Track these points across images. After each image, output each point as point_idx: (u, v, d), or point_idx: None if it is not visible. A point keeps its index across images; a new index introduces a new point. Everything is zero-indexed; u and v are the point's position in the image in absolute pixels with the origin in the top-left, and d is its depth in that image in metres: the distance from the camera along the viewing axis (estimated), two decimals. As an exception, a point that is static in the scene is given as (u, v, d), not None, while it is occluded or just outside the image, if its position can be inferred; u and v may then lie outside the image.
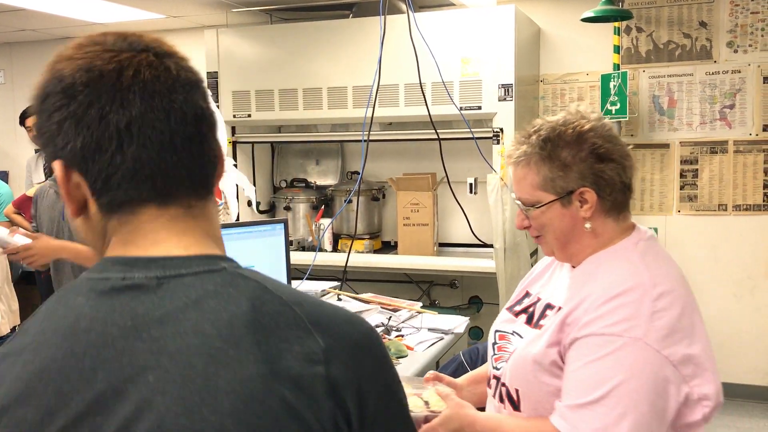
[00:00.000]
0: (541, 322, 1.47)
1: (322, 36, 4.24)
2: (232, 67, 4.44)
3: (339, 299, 3.04)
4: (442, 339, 2.66)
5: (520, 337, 1.51)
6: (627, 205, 1.44)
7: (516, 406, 1.46)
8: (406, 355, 2.46)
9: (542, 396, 1.40)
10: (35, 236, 2.60)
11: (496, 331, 1.59)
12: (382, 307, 2.91)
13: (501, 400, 1.51)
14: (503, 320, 1.60)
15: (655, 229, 4.25)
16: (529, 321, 1.51)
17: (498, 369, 1.51)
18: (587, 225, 1.41)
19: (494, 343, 1.56)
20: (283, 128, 4.76)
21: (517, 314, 1.56)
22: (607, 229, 1.43)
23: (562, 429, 1.30)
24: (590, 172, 1.38)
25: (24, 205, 4.38)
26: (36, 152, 5.24)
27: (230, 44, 4.45)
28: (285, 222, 2.74)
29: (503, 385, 1.49)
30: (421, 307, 3.02)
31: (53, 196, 2.76)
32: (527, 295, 1.59)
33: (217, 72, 4.46)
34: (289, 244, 2.75)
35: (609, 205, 1.41)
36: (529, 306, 1.54)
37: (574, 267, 1.49)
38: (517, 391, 1.45)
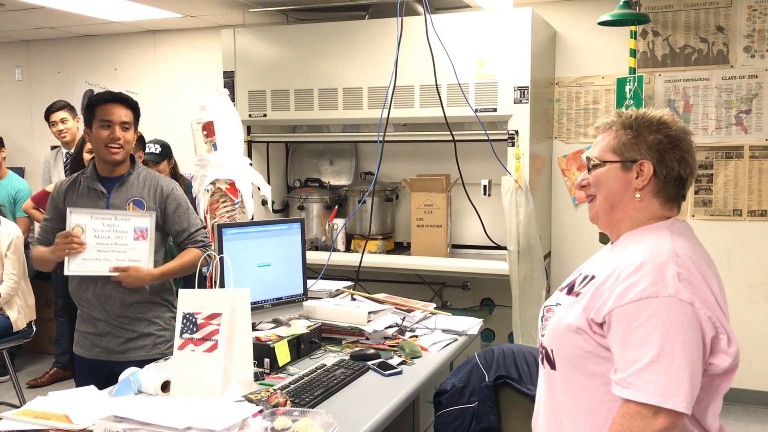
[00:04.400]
0: (577, 289, 1.62)
1: (338, 37, 4.26)
2: (249, 67, 4.47)
3: (353, 299, 3.05)
4: (455, 340, 2.67)
5: (561, 305, 1.65)
6: (675, 198, 1.60)
7: (552, 365, 1.62)
8: (420, 356, 2.47)
9: (572, 356, 1.56)
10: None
11: (544, 306, 1.73)
12: (396, 308, 2.92)
13: (542, 361, 1.68)
14: (552, 297, 1.74)
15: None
16: (569, 291, 1.66)
17: (543, 336, 1.68)
18: (637, 195, 1.58)
19: (542, 317, 1.72)
20: (297, 128, 4.78)
21: (562, 290, 1.71)
22: (651, 207, 1.59)
23: (631, 396, 1.42)
24: (656, 150, 1.56)
25: (43, 200, 4.41)
26: (52, 149, 5.28)
27: (247, 44, 4.47)
28: (302, 221, 2.76)
29: (543, 347, 1.66)
30: (434, 308, 3.03)
31: (92, 195, 2.65)
32: (575, 273, 1.73)
33: (233, 72, 4.49)
34: (304, 243, 2.76)
35: (659, 188, 1.57)
36: (572, 281, 1.68)
37: (613, 243, 1.64)
38: (552, 351, 1.61)
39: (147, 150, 4.05)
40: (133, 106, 2.69)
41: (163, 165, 4.03)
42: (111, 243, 2.55)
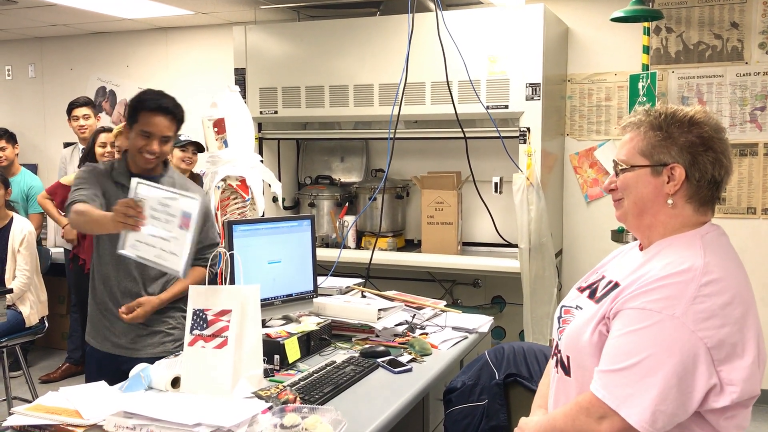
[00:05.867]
0: (599, 295, 1.56)
1: (350, 33, 4.25)
2: (260, 64, 4.47)
3: (363, 296, 3.05)
4: (466, 338, 2.66)
5: (582, 309, 1.61)
6: (710, 202, 1.52)
7: (567, 371, 1.58)
8: (431, 353, 2.46)
9: (590, 366, 1.50)
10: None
11: (562, 306, 1.69)
12: (406, 305, 2.92)
13: (556, 365, 1.63)
14: (570, 297, 1.69)
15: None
16: (591, 296, 1.61)
17: (560, 339, 1.63)
18: (669, 201, 1.49)
19: (559, 317, 1.68)
20: (308, 125, 4.78)
21: (582, 290, 1.66)
22: (684, 214, 1.51)
23: (595, 391, 1.43)
24: (688, 152, 1.47)
25: (58, 191, 4.42)
26: (65, 146, 5.31)
27: (258, 41, 4.47)
28: (312, 218, 2.76)
29: (559, 352, 1.62)
30: (445, 305, 3.02)
31: (121, 190, 2.49)
32: (595, 273, 1.68)
33: (244, 68, 4.49)
34: (315, 240, 2.76)
35: (693, 192, 1.49)
36: (594, 283, 1.63)
37: (642, 248, 1.57)
38: (568, 358, 1.57)
39: (186, 137, 3.91)
40: (179, 118, 2.58)
41: (196, 157, 4.01)
42: (161, 227, 2.18)
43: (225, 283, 2.32)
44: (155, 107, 2.52)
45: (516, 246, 3.96)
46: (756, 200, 4.25)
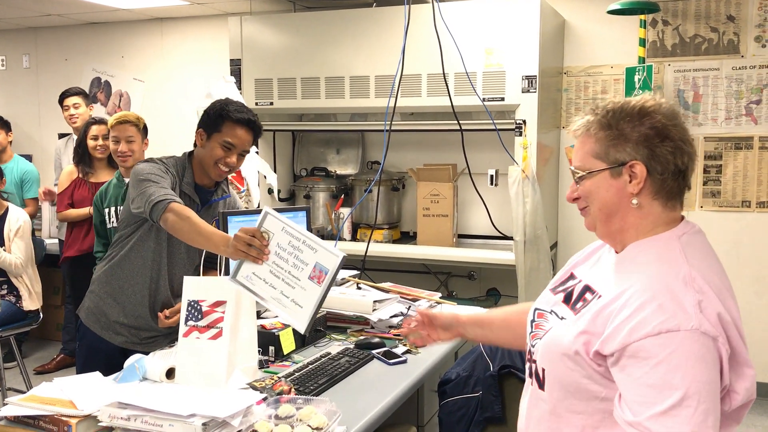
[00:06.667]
0: (578, 304, 1.46)
1: (346, 25, 4.24)
2: (255, 55, 4.45)
3: (358, 287, 3.05)
4: (461, 330, 2.66)
5: (557, 315, 1.51)
6: (678, 194, 1.41)
7: (541, 384, 1.47)
8: (425, 345, 2.46)
9: (568, 381, 1.40)
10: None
11: (536, 309, 1.60)
12: (401, 297, 2.92)
13: (530, 375, 1.52)
14: (543, 299, 1.61)
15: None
16: (567, 300, 1.51)
17: (533, 346, 1.52)
18: (634, 201, 1.39)
19: (532, 321, 1.58)
20: (303, 117, 4.77)
21: (556, 293, 1.57)
22: (653, 212, 1.40)
23: None
24: (645, 146, 1.36)
25: (67, 191, 4.21)
26: (60, 137, 5.29)
27: (253, 32, 4.46)
28: (307, 210, 2.76)
29: (534, 362, 1.50)
30: (440, 297, 3.02)
31: (184, 201, 2.36)
32: (571, 276, 1.58)
33: (240, 59, 4.48)
34: (310, 232, 2.76)
35: (658, 187, 1.38)
36: (570, 287, 1.54)
37: (617, 252, 1.48)
38: (543, 370, 1.46)
39: None
40: (258, 135, 2.52)
41: None
42: (286, 270, 1.99)
43: (220, 275, 2.31)
44: (244, 120, 2.41)
45: (511, 238, 3.96)
46: (751, 193, 4.26)
